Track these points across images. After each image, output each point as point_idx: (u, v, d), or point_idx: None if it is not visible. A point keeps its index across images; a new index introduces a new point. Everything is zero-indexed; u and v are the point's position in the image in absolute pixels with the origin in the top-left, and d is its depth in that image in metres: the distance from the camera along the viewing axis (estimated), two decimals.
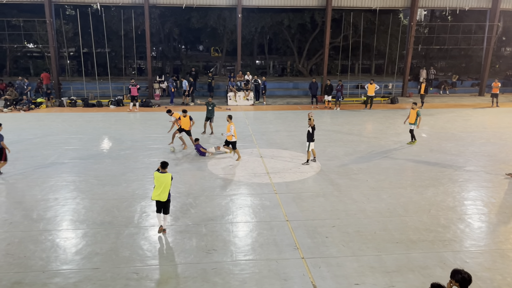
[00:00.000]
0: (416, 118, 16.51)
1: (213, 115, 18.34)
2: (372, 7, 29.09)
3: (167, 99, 28.48)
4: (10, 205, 10.46)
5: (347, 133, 18.89)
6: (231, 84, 27.50)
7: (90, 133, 18.52)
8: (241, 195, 11.36)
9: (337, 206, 10.62)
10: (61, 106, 25.84)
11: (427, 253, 8.32)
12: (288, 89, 32.97)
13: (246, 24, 33.33)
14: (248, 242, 8.78)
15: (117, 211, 10.22)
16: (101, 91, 28.83)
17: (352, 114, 24.08)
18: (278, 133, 18.71)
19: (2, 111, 23.56)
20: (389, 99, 28.72)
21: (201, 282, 7.32)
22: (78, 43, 30.90)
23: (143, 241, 8.75)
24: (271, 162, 14.34)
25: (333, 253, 8.30)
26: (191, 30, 36.38)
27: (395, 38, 33.25)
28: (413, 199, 11.13)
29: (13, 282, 7.26)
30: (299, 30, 36.28)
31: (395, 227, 9.45)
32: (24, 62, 38.09)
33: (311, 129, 13.82)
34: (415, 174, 13.18)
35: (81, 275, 7.49)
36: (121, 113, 23.87)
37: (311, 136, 13.86)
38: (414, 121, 16.57)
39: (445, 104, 27.94)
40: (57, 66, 27.88)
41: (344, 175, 12.99)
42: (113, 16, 32.35)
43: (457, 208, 10.66)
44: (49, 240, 8.77)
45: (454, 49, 35.91)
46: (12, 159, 14.25)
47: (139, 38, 31.84)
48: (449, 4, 29.57)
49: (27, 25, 29.89)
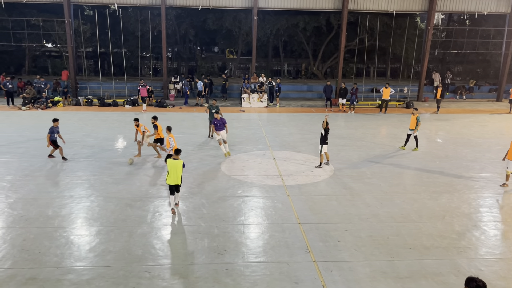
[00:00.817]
0: (416, 124, 16.20)
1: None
2: (389, 10, 28.87)
3: (181, 100, 28.67)
4: (26, 202, 10.63)
5: (361, 137, 18.76)
6: (245, 85, 27.55)
7: (105, 132, 18.74)
8: (254, 196, 11.37)
9: (349, 210, 10.55)
10: (78, 105, 26.21)
11: (441, 260, 8.21)
12: (302, 92, 32.90)
13: (261, 26, 33.38)
14: (259, 244, 8.78)
15: (131, 210, 10.32)
16: (117, 91, 29.15)
17: (367, 118, 23.91)
18: (292, 136, 18.68)
19: (20, 109, 23.99)
20: (404, 103, 28.45)
21: (212, 283, 7.34)
22: (95, 43, 31.35)
23: (156, 240, 8.81)
24: (284, 164, 14.32)
25: (345, 257, 8.25)
26: (207, 32, 36.58)
27: (411, 42, 32.94)
28: (427, 205, 11.00)
29: (27, 277, 7.38)
30: (314, 32, 36.20)
31: (409, 233, 9.35)
32: (43, 61, 38.73)
33: (323, 131, 13.76)
34: (429, 180, 13.02)
35: (94, 272, 7.58)
36: (136, 113, 24.09)
37: (324, 138, 13.80)
38: (414, 127, 16.24)
39: (461, 109, 27.57)
40: (74, 65, 28.29)
41: (357, 179, 12.90)
42: (130, 17, 32.72)
43: (473, 215, 10.51)
44: (64, 237, 8.90)
45: (471, 53, 35.43)
46: (29, 156, 14.54)
47: (155, 38, 32.14)
48: (467, 8, 29.18)
49: (46, 24, 30.39)
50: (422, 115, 24.92)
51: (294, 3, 28.43)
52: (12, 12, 30.41)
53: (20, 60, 36.40)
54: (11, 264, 7.78)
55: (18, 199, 10.82)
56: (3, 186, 11.72)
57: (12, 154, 14.86)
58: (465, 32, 32.14)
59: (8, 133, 17.92)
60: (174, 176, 10.01)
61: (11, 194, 11.17)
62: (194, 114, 23.84)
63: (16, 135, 17.52)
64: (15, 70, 35.91)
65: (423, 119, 23.61)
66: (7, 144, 16.10)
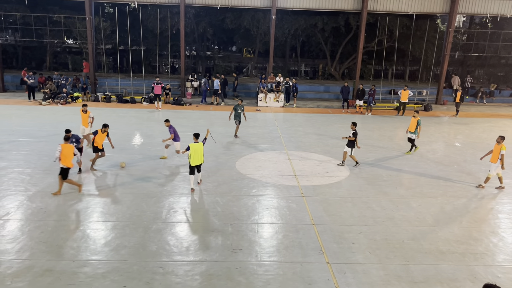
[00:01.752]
0: (416, 127, 15.94)
1: (241, 118, 18.12)
2: (409, 11, 28.52)
3: (198, 98, 28.83)
4: (44, 195, 10.82)
5: (377, 139, 18.59)
6: (262, 85, 27.56)
7: (123, 128, 18.94)
8: (268, 196, 11.36)
9: (364, 212, 10.46)
10: (96, 101, 26.58)
11: (457, 266, 8.08)
12: (319, 92, 32.77)
13: (279, 26, 33.36)
14: (273, 243, 8.77)
15: (146, 205, 10.42)
16: (135, 88, 29.50)
17: (384, 120, 23.68)
18: (307, 136, 18.61)
19: (41, 104, 24.43)
20: (422, 106, 28.09)
21: (225, 281, 7.36)
22: (115, 40, 31.81)
23: (170, 237, 8.88)
24: (299, 164, 14.27)
25: (359, 259, 8.19)
26: (225, 31, 36.74)
27: (431, 44, 32.53)
28: (444, 210, 10.84)
29: (44, 269, 7.51)
30: (332, 33, 36.05)
31: (424, 237, 9.23)
32: (63, 58, 39.42)
33: (351, 134, 13.73)
34: (447, 184, 12.83)
35: (109, 266, 7.67)
36: (154, 110, 24.31)
37: (352, 142, 13.80)
38: (414, 130, 15.97)
39: (481, 113, 27.09)
40: (94, 62, 28.69)
41: (373, 181, 12.79)
42: (150, 15, 33.06)
43: (491, 221, 10.32)
44: (80, 230, 9.04)
45: (493, 57, 34.80)
46: (49, 150, 14.78)
47: (174, 37, 32.40)
48: (489, 10, 28.65)
49: (67, 21, 30.90)
50: (441, 118, 24.58)
51: (313, 3, 28.32)
52: (35, 9, 31.03)
53: (42, 56, 37.11)
54: (28, 256, 7.93)
55: (37, 192, 11.02)
56: (22, 179, 11.96)
57: (32, 148, 15.14)
58: (486, 35, 31.56)
59: (29, 127, 18.27)
60: (197, 157, 11.30)
61: (30, 187, 11.39)
62: (210, 113, 23.95)
63: (36, 129, 17.85)
64: (36, 65, 36.62)
65: (442, 122, 23.29)
66: (27, 138, 16.41)
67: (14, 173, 12.35)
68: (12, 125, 18.66)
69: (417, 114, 16.18)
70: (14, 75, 31.09)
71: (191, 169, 11.37)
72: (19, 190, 11.09)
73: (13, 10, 30.20)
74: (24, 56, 36.98)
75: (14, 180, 11.79)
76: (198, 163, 11.41)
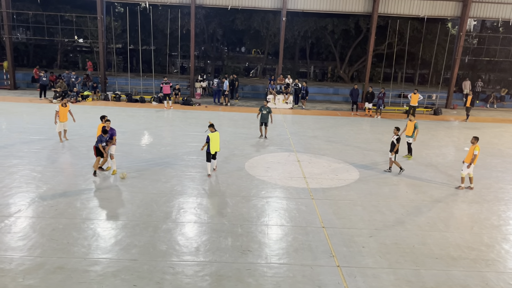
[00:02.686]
0: (413, 130, 15.82)
1: (267, 120, 17.93)
2: (420, 15, 28.38)
3: (207, 98, 28.89)
4: (56, 193, 10.89)
5: (387, 142, 18.44)
6: (271, 86, 27.54)
7: (132, 127, 19.03)
8: (277, 198, 11.35)
9: (375, 216, 10.42)
10: (106, 100, 26.72)
11: (468, 272, 8.02)
12: (328, 95, 32.68)
13: (289, 28, 33.34)
14: (283, 245, 8.76)
15: (156, 205, 10.45)
16: (145, 88, 29.62)
17: (393, 124, 23.46)
18: (316, 138, 18.56)
19: (51, 102, 24.61)
20: (432, 110, 27.90)
21: (235, 282, 7.36)
22: (125, 39, 31.93)
23: (180, 237, 8.90)
24: (308, 166, 14.25)
25: (369, 263, 8.15)
26: (235, 32, 36.78)
27: (441, 48, 32.31)
28: (455, 215, 10.77)
29: (56, 266, 7.56)
30: (342, 35, 35.92)
31: (435, 242, 9.17)
32: (73, 56, 39.69)
33: (395, 139, 13.67)
34: (458, 189, 12.73)
35: (120, 265, 7.71)
36: (163, 110, 24.39)
37: (393, 146, 13.74)
38: (412, 133, 15.81)
39: (492, 118, 26.86)
40: (104, 61, 28.86)
41: (383, 185, 12.73)
42: (160, 15, 33.18)
43: (502, 227, 10.22)
44: (91, 228, 9.09)
45: (504, 61, 34.45)
46: (59, 148, 14.90)
47: (184, 37, 32.48)
48: (501, 14, 28.42)
49: (79, 20, 31.10)
50: (451, 123, 24.41)
51: (323, 5, 28.27)
52: (47, 8, 31.28)
53: (52, 54, 37.38)
54: (40, 253, 7.99)
55: (48, 190, 11.10)
56: (34, 176, 12.05)
57: (43, 145, 15.26)
58: (498, 39, 31.29)
59: (40, 125, 18.42)
60: (215, 145, 12.58)
61: (42, 184, 11.47)
62: (219, 113, 23.98)
63: (47, 127, 17.97)
64: (47, 64, 36.89)
65: (452, 127, 23.15)
66: (38, 136, 16.55)
67: (26, 171, 12.45)
68: (23, 122, 18.83)
69: (413, 118, 16.14)
70: (25, 73, 31.35)
71: (208, 157, 12.63)
72: (30, 188, 11.18)
73: (25, 8, 30.45)
74: (35, 55, 37.25)
75: (25, 178, 11.88)
76: (215, 150, 12.69)
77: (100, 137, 12.34)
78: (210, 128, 12.60)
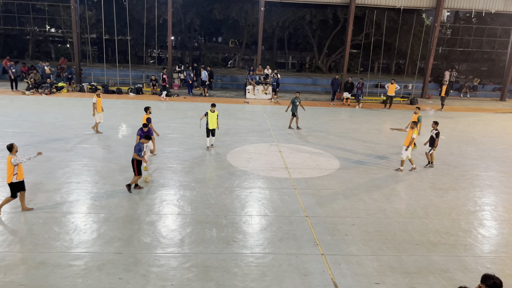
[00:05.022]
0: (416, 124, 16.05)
1: (296, 110, 18.41)
2: (396, 5, 28.70)
3: (185, 89, 28.61)
4: (33, 186, 10.63)
5: (366, 132, 18.77)
6: (250, 77, 27.47)
7: (110, 119, 18.68)
8: (260, 188, 11.39)
9: (356, 204, 10.59)
10: (82, 91, 26.13)
11: (448, 257, 8.26)
12: (307, 85, 32.84)
13: (267, 18, 33.23)
14: (267, 235, 8.81)
15: (138, 197, 10.34)
16: (121, 78, 29.08)
17: (371, 113, 23.90)
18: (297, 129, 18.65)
19: (24, 94, 23.91)
20: (408, 99, 28.42)
21: (221, 272, 7.38)
22: (100, 29, 31.21)
23: (164, 229, 8.85)
24: (290, 157, 14.33)
25: (353, 251, 8.30)
26: (212, 22, 36.43)
27: (417, 38, 32.86)
28: (433, 202, 11.05)
29: (38, 262, 7.41)
30: (320, 26, 36.08)
31: (415, 229, 9.40)
32: (45, 46, 38.57)
33: (434, 134, 13.75)
34: (435, 177, 13.06)
35: (104, 258, 7.61)
36: (141, 101, 24.00)
37: (433, 141, 13.80)
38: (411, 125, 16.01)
39: (465, 107, 27.56)
40: (79, 51, 28.15)
41: (363, 174, 12.93)
42: (136, 4, 32.53)
43: (478, 213, 10.55)
44: (72, 222, 8.92)
45: (477, 52, 35.32)
46: (35, 142, 14.54)
47: (161, 27, 31.98)
48: (475, 6, 29.03)
49: (51, 9, 30.20)
50: (427, 112, 24.91)
51: None
52: None
53: (24, 45, 36.24)
54: (20, 248, 7.82)
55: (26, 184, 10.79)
56: None
57: (18, 139, 14.81)
58: (471, 30, 32.01)
59: (13, 118, 17.89)
60: (212, 122, 14.37)
61: None
62: (198, 104, 23.79)
63: (21, 120, 17.49)
64: (18, 54, 35.78)
65: (428, 116, 23.62)
66: (12, 128, 16.07)
67: (1, 164, 12.09)
68: None
69: (418, 110, 16.07)
70: None
71: (207, 132, 14.54)
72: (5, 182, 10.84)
73: None
74: (6, 45, 36.05)
75: (1, 172, 11.54)
76: (212, 127, 14.45)
77: (139, 145, 10.59)
78: (211, 108, 14.36)
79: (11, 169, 8.87)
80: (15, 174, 8.93)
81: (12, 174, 8.89)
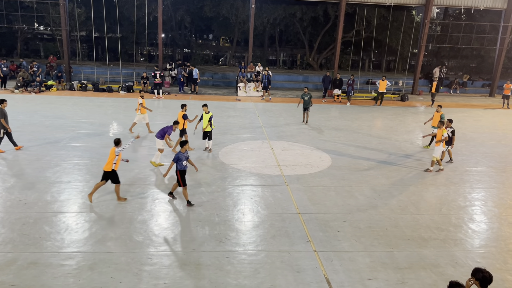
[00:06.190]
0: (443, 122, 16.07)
1: (309, 105, 18.97)
2: (387, 2, 28.83)
3: (177, 87, 28.47)
4: (24, 186, 10.54)
5: (357, 129, 18.85)
6: (242, 74, 27.43)
7: (101, 118, 18.57)
8: (252, 186, 11.39)
9: (348, 201, 10.64)
10: (72, 90, 25.92)
11: (439, 252, 8.34)
12: (298, 82, 32.87)
13: (258, 15, 33.18)
14: (260, 232, 8.82)
15: (130, 196, 10.29)
16: (111, 76, 28.87)
17: (362, 110, 24.01)
18: (288, 126, 18.70)
19: (13, 92, 23.65)
20: (399, 96, 28.59)
21: (214, 270, 7.38)
22: (90, 27, 30.93)
23: (156, 227, 8.81)
24: (282, 154, 14.35)
25: (345, 247, 8.34)
26: (203, 19, 36.31)
27: (407, 35, 33.04)
28: (424, 197, 11.14)
29: (29, 262, 7.35)
30: (311, 23, 36.13)
31: (407, 225, 9.47)
32: (34, 44, 38.14)
33: (450, 132, 13.72)
34: (425, 173, 13.16)
35: (96, 258, 7.57)
36: (132, 99, 23.87)
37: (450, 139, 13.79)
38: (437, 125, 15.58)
39: (455, 103, 27.79)
40: (68, 49, 27.88)
41: (355, 171, 12.99)
42: (126, 1, 32.30)
43: (468, 208, 10.66)
44: (63, 222, 8.86)
45: (466, 48, 35.63)
46: (25, 141, 14.38)
47: (151, 24, 31.78)
48: (464, 2, 29.26)
49: (39, 6, 29.85)
50: (417, 108, 25.09)
51: None
52: None
53: (12, 43, 35.81)
54: (11, 248, 7.73)
55: (16, 183, 10.72)
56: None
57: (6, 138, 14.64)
58: (460, 27, 32.27)
59: None
60: (206, 124, 13.93)
61: (8, 178, 11.07)
62: (190, 102, 23.69)
63: (9, 119, 17.17)
64: (7, 52, 35.36)
65: (418, 112, 23.80)
66: None
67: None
68: None
69: (440, 108, 15.76)
70: None
71: (203, 135, 14.24)
72: None
73: None
74: None
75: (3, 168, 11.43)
76: (207, 130, 14.01)
77: (179, 155, 9.79)
78: (203, 108, 13.95)
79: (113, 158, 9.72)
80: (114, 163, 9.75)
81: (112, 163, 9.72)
